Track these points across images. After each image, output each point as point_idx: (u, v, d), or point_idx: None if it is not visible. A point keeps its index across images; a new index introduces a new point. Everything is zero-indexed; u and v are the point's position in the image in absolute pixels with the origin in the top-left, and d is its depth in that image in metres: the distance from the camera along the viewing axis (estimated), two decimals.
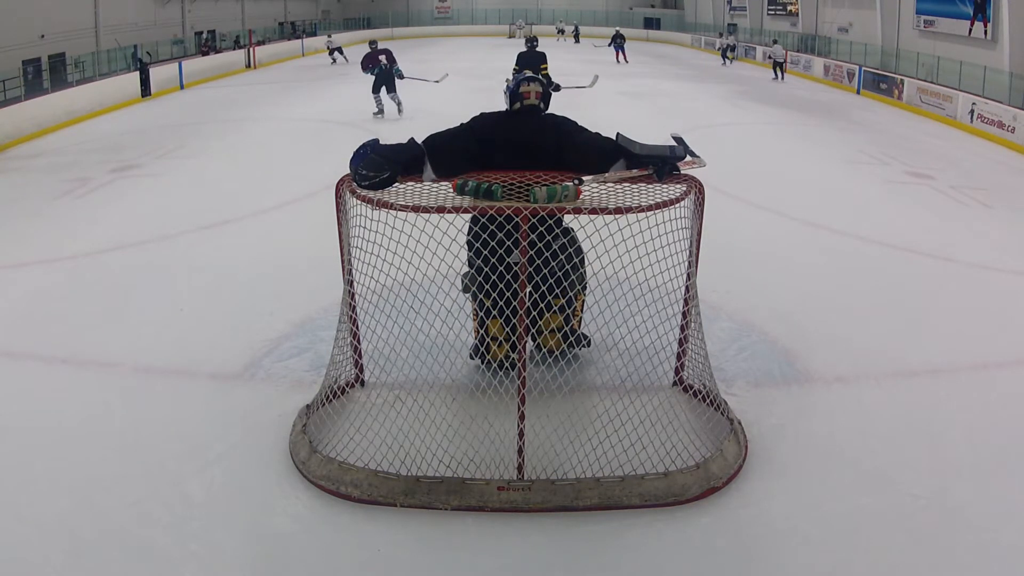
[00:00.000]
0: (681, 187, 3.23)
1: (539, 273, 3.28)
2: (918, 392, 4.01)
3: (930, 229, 6.97)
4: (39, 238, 6.58)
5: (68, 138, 11.83)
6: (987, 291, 5.52)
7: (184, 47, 23.49)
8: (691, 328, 3.60)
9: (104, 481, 3.17)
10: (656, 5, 39.87)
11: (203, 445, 3.42)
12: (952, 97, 14.43)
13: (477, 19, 39.27)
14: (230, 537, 2.88)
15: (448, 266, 3.26)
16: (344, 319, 3.63)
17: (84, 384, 4.03)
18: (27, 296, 5.27)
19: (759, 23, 29.27)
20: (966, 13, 16.67)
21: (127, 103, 15.31)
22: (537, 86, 3.70)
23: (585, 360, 4.07)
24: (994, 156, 11.57)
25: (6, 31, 16.03)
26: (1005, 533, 2.93)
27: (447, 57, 23.80)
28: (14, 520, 2.95)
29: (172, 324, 4.75)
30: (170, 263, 5.89)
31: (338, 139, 10.30)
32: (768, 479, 3.21)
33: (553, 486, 3.02)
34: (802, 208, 7.35)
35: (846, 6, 22.95)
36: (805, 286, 5.40)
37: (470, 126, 3.58)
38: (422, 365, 3.62)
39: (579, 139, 3.50)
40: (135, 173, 9.08)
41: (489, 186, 3.01)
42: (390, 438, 3.21)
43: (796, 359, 4.29)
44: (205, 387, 3.98)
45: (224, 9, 27.79)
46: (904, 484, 3.20)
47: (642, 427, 3.20)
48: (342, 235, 3.54)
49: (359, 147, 3.24)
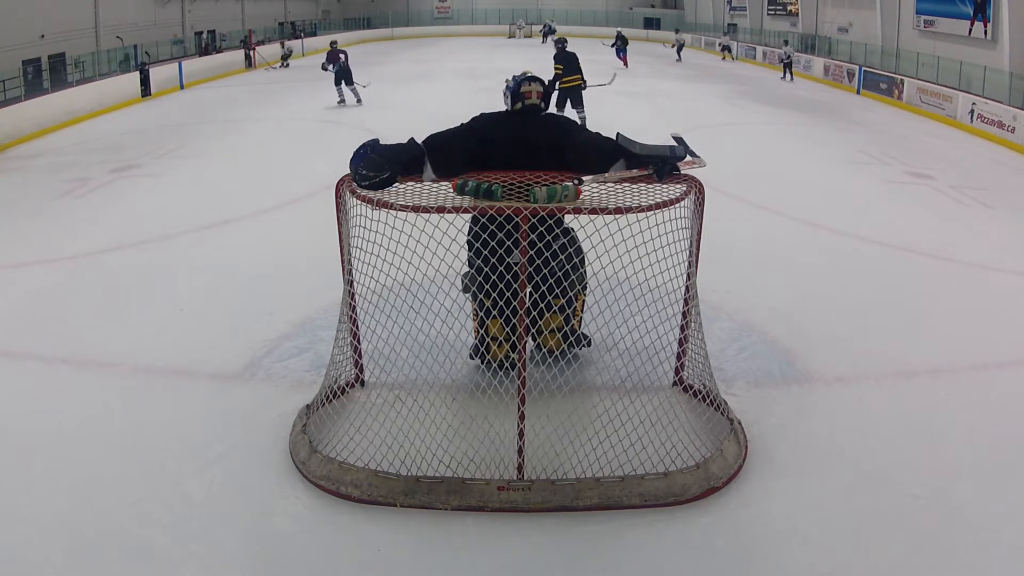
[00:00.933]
0: (681, 187, 3.23)
1: (539, 273, 3.28)
2: (918, 392, 4.01)
3: (930, 229, 6.97)
4: (39, 238, 6.58)
5: (68, 138, 11.83)
6: (987, 291, 5.52)
7: (184, 47, 23.48)
8: (691, 328, 3.60)
9: (104, 481, 3.17)
10: (656, 5, 39.85)
11: (203, 445, 3.42)
12: (952, 97, 14.43)
13: (477, 19, 39.24)
14: (230, 537, 2.88)
15: (448, 266, 3.26)
16: (344, 319, 3.63)
17: (84, 384, 4.03)
18: (27, 296, 5.27)
19: (759, 23, 29.25)
20: (966, 13, 16.66)
21: (127, 103, 15.32)
22: (538, 86, 3.71)
23: (585, 360, 4.07)
24: (994, 156, 11.57)
25: (6, 31, 16.03)
26: (1005, 533, 2.93)
27: (447, 57, 23.81)
28: (14, 520, 2.95)
29: (172, 324, 4.75)
30: (170, 263, 5.89)
31: (338, 139, 10.30)
32: (768, 479, 3.21)
33: (553, 486, 3.02)
34: (802, 208, 7.35)
35: (846, 6, 22.95)
36: (805, 286, 5.40)
37: (470, 126, 3.58)
38: (422, 365, 3.62)
39: (579, 139, 3.50)
40: (135, 173, 9.08)
41: (489, 186, 3.01)
42: (390, 438, 3.21)
43: (796, 359, 4.29)
44: (205, 387, 3.98)
45: (224, 9, 27.78)
46: (904, 484, 3.20)
47: (642, 427, 3.20)
48: (342, 235, 3.54)
49: (359, 147, 3.24)
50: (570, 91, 11.15)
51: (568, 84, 11.10)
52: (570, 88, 11.12)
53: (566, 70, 11.11)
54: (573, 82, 11.10)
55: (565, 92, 11.10)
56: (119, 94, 15.27)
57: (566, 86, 11.10)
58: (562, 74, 11.08)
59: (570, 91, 11.15)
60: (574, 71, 11.14)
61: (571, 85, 11.12)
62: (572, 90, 11.14)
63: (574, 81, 11.11)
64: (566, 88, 11.11)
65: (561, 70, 11.09)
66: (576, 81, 11.10)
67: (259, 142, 11.15)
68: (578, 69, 11.15)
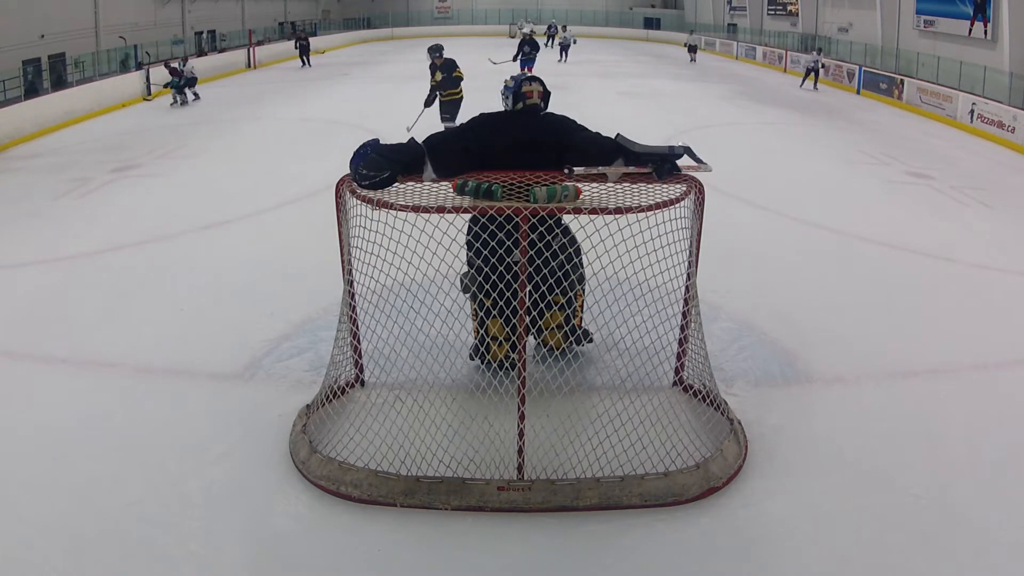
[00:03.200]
0: (681, 187, 3.23)
1: (539, 272, 3.28)
2: (918, 392, 4.01)
3: (930, 229, 6.97)
4: (39, 238, 6.58)
5: (68, 138, 11.83)
6: (987, 291, 5.52)
7: (184, 47, 23.47)
8: (691, 328, 3.60)
9: (104, 481, 3.17)
10: (656, 5, 39.82)
11: (203, 445, 3.42)
12: (952, 97, 14.43)
13: (477, 19, 39.22)
14: (230, 537, 2.88)
15: (448, 266, 3.26)
16: (344, 319, 3.63)
17: (84, 384, 4.03)
18: (27, 296, 5.27)
19: (759, 23, 29.25)
20: (966, 13, 16.66)
21: (127, 103, 15.31)
22: (539, 85, 3.71)
23: (585, 360, 4.07)
24: (994, 156, 11.57)
25: (6, 31, 16.02)
26: (1005, 533, 2.93)
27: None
28: (14, 520, 2.95)
29: (172, 324, 4.75)
30: (170, 263, 5.89)
31: (338, 139, 10.29)
32: (768, 479, 3.21)
33: (553, 486, 3.02)
34: (802, 208, 7.35)
35: (846, 6, 22.94)
36: (805, 286, 5.40)
37: (471, 126, 3.58)
38: (422, 365, 3.62)
39: (579, 138, 3.50)
40: (135, 173, 9.08)
41: (489, 186, 3.01)
42: (390, 438, 3.21)
43: (796, 359, 4.29)
44: (205, 387, 3.98)
45: (224, 9, 27.76)
46: (904, 484, 3.20)
47: (642, 427, 3.20)
48: (342, 235, 3.54)
49: (359, 147, 3.24)
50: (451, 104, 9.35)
51: (449, 97, 9.39)
52: (451, 102, 9.37)
53: (445, 81, 9.34)
54: (454, 95, 9.38)
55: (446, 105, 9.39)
56: (119, 94, 15.26)
57: (448, 99, 9.38)
58: (440, 85, 9.35)
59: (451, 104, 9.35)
60: (454, 83, 9.37)
61: (452, 98, 9.39)
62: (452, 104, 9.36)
63: (455, 94, 9.38)
64: (448, 101, 9.37)
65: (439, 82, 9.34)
66: (457, 95, 9.40)
67: (259, 142, 11.14)
68: (458, 81, 9.38)
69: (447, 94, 9.36)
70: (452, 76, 9.27)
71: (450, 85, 9.30)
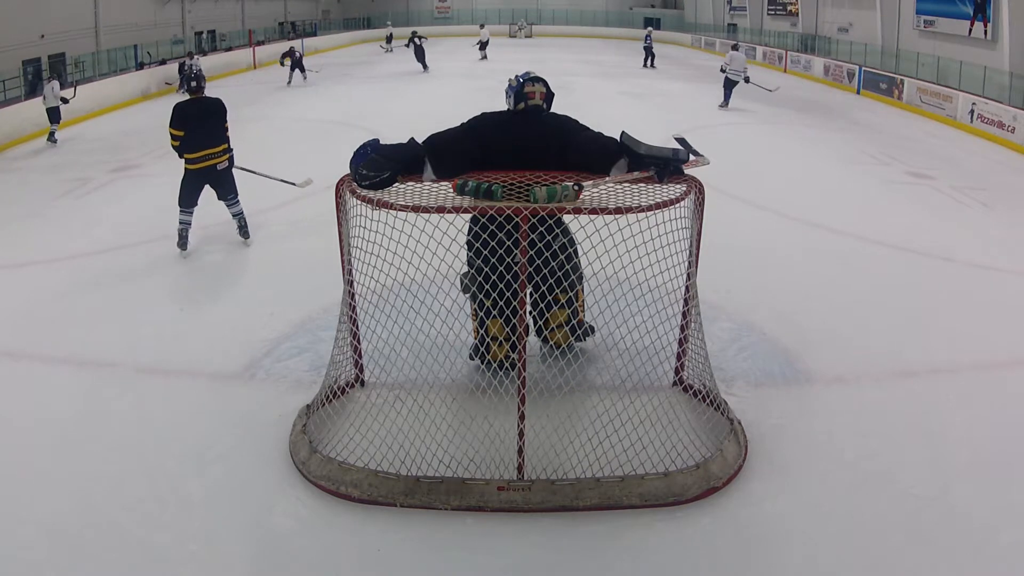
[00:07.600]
0: (681, 187, 3.23)
1: (539, 272, 3.28)
2: (918, 392, 4.01)
3: (930, 229, 6.97)
4: (39, 238, 6.58)
5: (68, 138, 11.82)
6: (987, 291, 5.52)
7: (184, 47, 23.46)
8: (691, 328, 3.60)
9: (104, 481, 3.17)
10: (656, 5, 39.83)
11: (203, 445, 3.42)
12: (952, 97, 14.42)
13: (477, 19, 39.20)
14: (230, 537, 2.88)
15: (448, 266, 3.26)
16: (344, 319, 3.63)
17: (84, 384, 4.03)
18: (27, 296, 5.27)
19: (759, 23, 29.24)
20: (966, 13, 16.65)
21: (127, 103, 15.31)
22: (542, 86, 3.70)
23: (585, 360, 4.06)
24: (994, 156, 11.56)
25: (6, 31, 16.00)
26: (1005, 533, 2.93)
27: (447, 57, 23.80)
28: (14, 520, 2.95)
29: (172, 324, 4.75)
30: (170, 263, 5.89)
31: (338, 139, 10.29)
32: (768, 479, 3.21)
33: (553, 486, 3.02)
34: (802, 208, 7.35)
35: (846, 6, 22.93)
36: (805, 286, 5.40)
37: (471, 126, 3.57)
38: (422, 365, 3.62)
39: (581, 138, 3.49)
40: (135, 173, 9.08)
41: (489, 186, 3.01)
42: (390, 438, 3.21)
43: (796, 359, 4.29)
44: (205, 387, 3.98)
45: (224, 9, 27.75)
46: (904, 484, 3.20)
47: (642, 427, 3.20)
48: (342, 235, 3.54)
49: (359, 147, 3.24)
50: (204, 174, 5.77)
51: (200, 164, 5.76)
52: (203, 170, 5.77)
53: (188, 140, 5.69)
54: (210, 159, 5.76)
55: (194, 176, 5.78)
56: (119, 94, 15.25)
57: (196, 167, 5.76)
58: (183, 144, 5.72)
59: (204, 174, 5.77)
60: (214, 140, 5.77)
61: (205, 165, 5.78)
62: (206, 172, 5.78)
63: (213, 158, 5.76)
64: (196, 171, 5.77)
65: (180, 139, 5.72)
66: (217, 159, 5.80)
67: (259, 142, 11.13)
68: (223, 135, 5.83)
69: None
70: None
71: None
